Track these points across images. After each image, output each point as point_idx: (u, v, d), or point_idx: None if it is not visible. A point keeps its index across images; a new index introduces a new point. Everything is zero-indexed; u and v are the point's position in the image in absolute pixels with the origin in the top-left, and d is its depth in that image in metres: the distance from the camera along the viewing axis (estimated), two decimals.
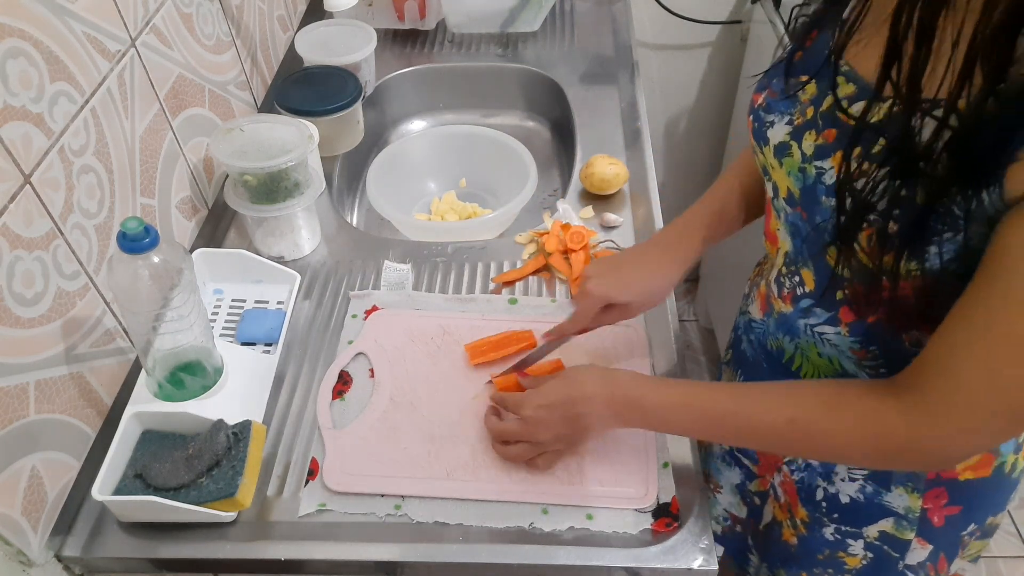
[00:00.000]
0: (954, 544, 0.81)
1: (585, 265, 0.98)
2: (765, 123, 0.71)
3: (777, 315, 0.77)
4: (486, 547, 0.74)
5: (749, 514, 0.95)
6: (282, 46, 1.36)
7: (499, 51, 1.43)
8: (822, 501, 0.81)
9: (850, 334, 0.70)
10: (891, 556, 0.80)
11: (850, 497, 0.79)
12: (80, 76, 0.78)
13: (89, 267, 0.79)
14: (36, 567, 0.72)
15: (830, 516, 0.81)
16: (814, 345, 0.74)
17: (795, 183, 0.67)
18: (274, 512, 0.77)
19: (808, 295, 0.72)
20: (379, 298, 0.97)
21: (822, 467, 0.80)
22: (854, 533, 0.80)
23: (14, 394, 0.68)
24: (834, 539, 0.82)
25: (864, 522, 0.79)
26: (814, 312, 0.72)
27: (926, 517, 0.77)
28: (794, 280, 0.73)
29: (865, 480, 0.77)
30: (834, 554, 0.83)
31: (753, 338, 0.84)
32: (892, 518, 0.78)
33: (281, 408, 0.86)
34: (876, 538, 0.80)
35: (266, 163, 0.94)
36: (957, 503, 0.77)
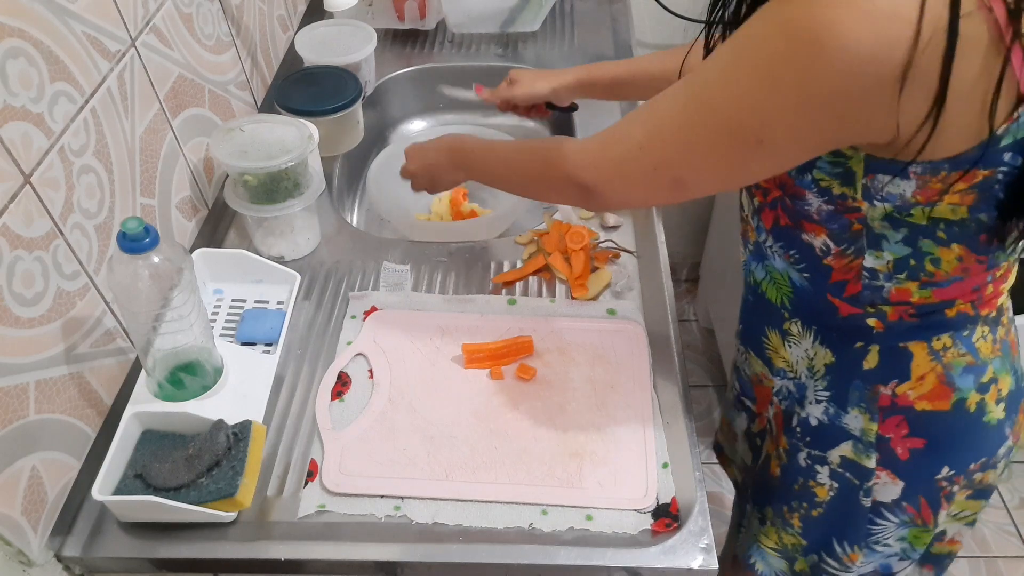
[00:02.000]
0: (931, 488, 0.81)
1: (585, 266, 0.99)
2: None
3: (752, 246, 0.81)
4: (486, 547, 0.74)
5: (753, 459, 0.98)
6: (282, 46, 1.36)
7: (499, 51, 1.43)
8: (797, 427, 0.84)
9: (774, 240, 0.76)
10: (853, 484, 0.82)
11: (817, 419, 0.82)
12: (80, 76, 0.78)
13: (89, 267, 0.79)
14: (36, 567, 0.72)
15: (803, 440, 0.84)
16: (771, 264, 0.79)
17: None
18: (274, 512, 0.77)
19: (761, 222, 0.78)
20: (378, 299, 0.97)
21: (798, 392, 0.84)
22: (820, 458, 0.83)
23: (14, 394, 0.68)
24: (806, 465, 0.85)
25: (827, 445, 0.82)
26: (761, 230, 0.78)
27: (888, 446, 0.78)
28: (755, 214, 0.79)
29: (828, 402, 0.80)
30: (806, 483, 0.86)
31: (746, 279, 0.88)
32: (850, 441, 0.80)
33: (281, 408, 0.86)
34: (838, 464, 0.82)
35: (266, 163, 0.94)
36: (919, 435, 0.77)
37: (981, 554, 1.71)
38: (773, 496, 0.92)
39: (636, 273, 1.00)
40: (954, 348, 0.73)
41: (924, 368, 0.74)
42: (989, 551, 1.72)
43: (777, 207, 0.73)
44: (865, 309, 0.73)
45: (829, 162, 0.63)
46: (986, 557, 1.71)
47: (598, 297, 0.97)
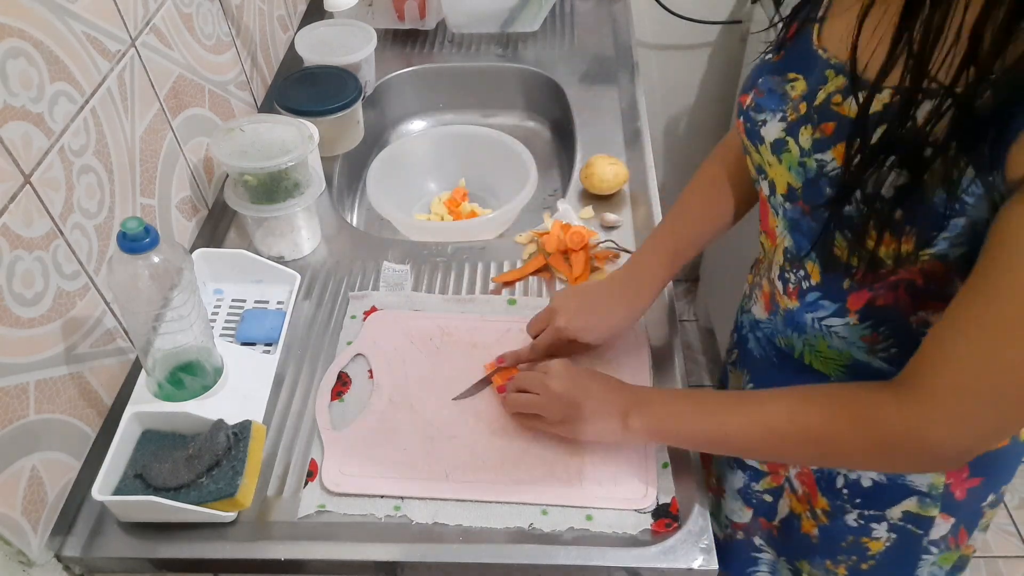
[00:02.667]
0: (974, 515, 0.81)
1: (585, 266, 0.98)
2: (757, 122, 0.71)
3: (784, 312, 0.77)
4: (486, 547, 0.74)
5: (755, 514, 0.94)
6: (282, 46, 1.36)
7: (499, 51, 1.43)
8: (843, 488, 0.80)
9: (859, 321, 0.69)
10: (915, 534, 0.80)
11: (872, 480, 0.78)
12: (80, 76, 0.78)
13: (89, 267, 0.79)
14: (36, 567, 0.72)
15: (852, 502, 0.80)
16: (823, 338, 0.73)
17: (796, 178, 0.67)
18: (274, 512, 0.77)
19: (815, 288, 0.71)
20: (378, 299, 0.97)
21: None
22: (877, 516, 0.80)
23: (14, 394, 0.68)
24: (857, 524, 0.81)
25: (887, 504, 0.79)
26: (821, 305, 0.71)
27: (949, 491, 0.77)
28: (799, 275, 0.73)
29: None
30: (857, 540, 0.82)
31: (760, 336, 0.83)
32: (916, 497, 0.77)
33: (281, 408, 0.86)
34: (899, 519, 0.79)
35: (266, 163, 0.94)
36: (978, 475, 0.76)
37: (981, 554, 1.71)
38: (810, 552, 0.87)
39: None
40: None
41: None
42: (989, 551, 1.72)
43: (899, 287, 0.64)
44: None
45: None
46: (986, 557, 1.71)
47: None
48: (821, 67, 0.65)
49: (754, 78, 0.73)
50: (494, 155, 1.22)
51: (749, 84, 0.74)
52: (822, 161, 0.64)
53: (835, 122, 0.63)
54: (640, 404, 0.74)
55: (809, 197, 0.66)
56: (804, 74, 0.67)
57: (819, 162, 0.64)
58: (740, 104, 0.74)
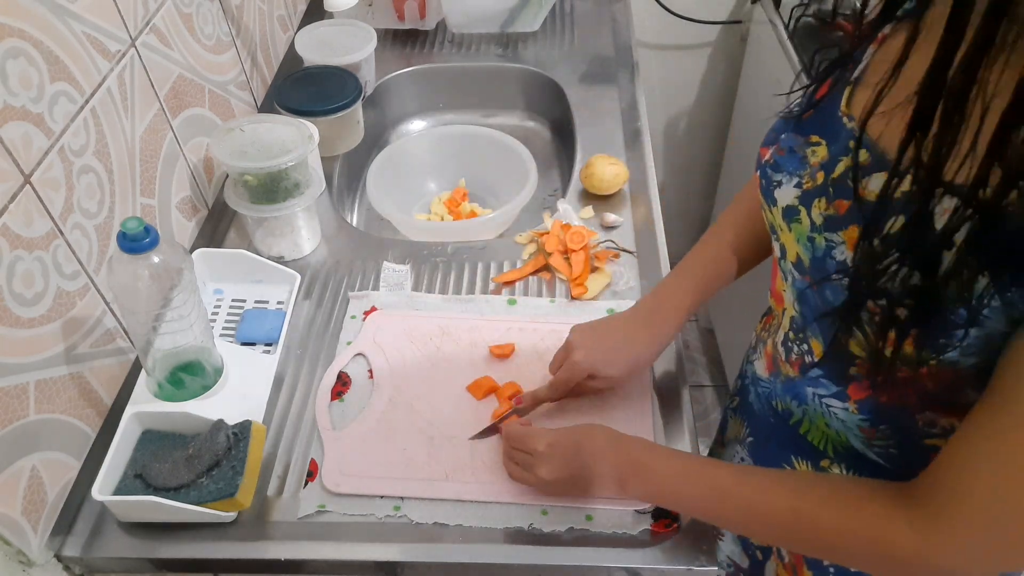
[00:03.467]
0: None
1: (585, 266, 0.98)
2: (773, 182, 0.67)
3: (784, 379, 0.73)
4: (486, 547, 0.74)
5: (751, 566, 0.90)
6: (282, 46, 1.36)
7: (499, 51, 1.43)
8: (830, 567, 0.76)
9: (859, 411, 0.65)
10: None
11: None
12: (80, 76, 0.78)
13: (89, 267, 0.79)
14: (36, 567, 0.72)
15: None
16: (822, 416, 0.70)
17: (804, 251, 0.63)
18: (274, 512, 0.77)
19: (817, 364, 0.67)
20: (378, 299, 0.97)
21: None
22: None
23: (14, 394, 0.68)
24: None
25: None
26: (822, 383, 0.67)
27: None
28: (802, 348, 0.69)
29: None
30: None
31: (761, 392, 0.80)
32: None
33: (281, 408, 0.86)
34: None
35: (266, 163, 0.94)
36: None
37: None
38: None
39: (636, 273, 1.00)
40: None
41: None
42: None
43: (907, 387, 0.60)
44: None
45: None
46: None
47: (598, 297, 0.97)
48: (845, 136, 0.60)
49: (777, 132, 0.69)
50: (494, 155, 1.22)
51: (771, 138, 0.69)
52: (831, 242, 0.60)
53: (849, 201, 0.58)
54: (637, 470, 0.71)
55: (815, 273, 0.62)
56: (827, 140, 0.62)
57: (828, 241, 0.60)
58: (760, 157, 0.70)
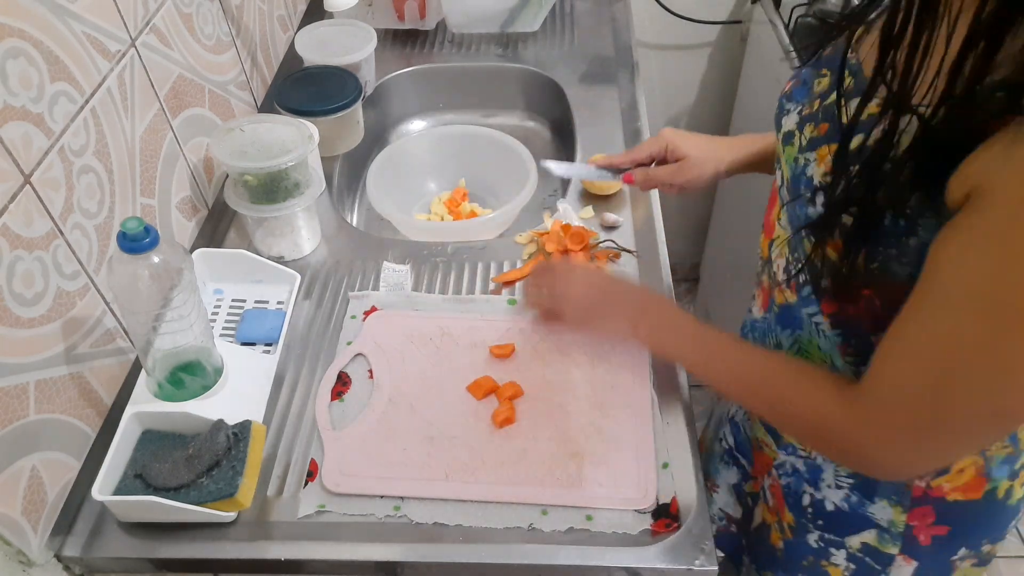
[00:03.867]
0: (944, 567, 0.80)
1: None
2: (784, 110, 0.72)
3: (779, 308, 0.77)
4: (486, 547, 0.74)
5: (743, 514, 0.95)
6: (282, 46, 1.36)
7: (499, 51, 1.43)
8: (808, 507, 0.81)
9: (832, 327, 0.70)
10: (873, 568, 0.80)
11: (835, 505, 0.79)
12: (80, 76, 0.78)
13: (89, 267, 0.79)
14: (36, 567, 0.72)
15: (815, 523, 0.81)
16: (813, 338, 0.73)
17: (788, 171, 0.68)
18: (274, 512, 0.77)
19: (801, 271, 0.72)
20: (378, 299, 0.97)
21: (809, 473, 0.80)
22: (837, 542, 0.81)
23: (14, 394, 0.68)
24: (817, 546, 0.82)
25: (847, 531, 0.79)
26: (812, 300, 0.72)
27: (912, 534, 0.77)
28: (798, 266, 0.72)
29: (851, 489, 0.77)
30: (817, 562, 0.83)
31: (756, 337, 0.84)
32: (875, 530, 0.78)
33: (281, 408, 0.86)
34: (858, 549, 0.80)
35: (266, 163, 0.94)
36: (945, 523, 0.76)
37: None
38: (775, 564, 0.89)
39: (636, 273, 1.00)
40: (1000, 441, 0.70)
41: (966, 462, 0.72)
42: None
43: (860, 303, 0.65)
44: None
45: None
46: None
47: None
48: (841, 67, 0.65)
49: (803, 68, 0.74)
50: (494, 155, 1.22)
51: (796, 72, 0.75)
52: (807, 159, 0.65)
53: (830, 124, 0.64)
54: (651, 315, 0.79)
55: (794, 192, 0.67)
56: (832, 72, 0.67)
57: (805, 160, 0.65)
58: (784, 88, 0.75)
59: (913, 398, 0.58)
